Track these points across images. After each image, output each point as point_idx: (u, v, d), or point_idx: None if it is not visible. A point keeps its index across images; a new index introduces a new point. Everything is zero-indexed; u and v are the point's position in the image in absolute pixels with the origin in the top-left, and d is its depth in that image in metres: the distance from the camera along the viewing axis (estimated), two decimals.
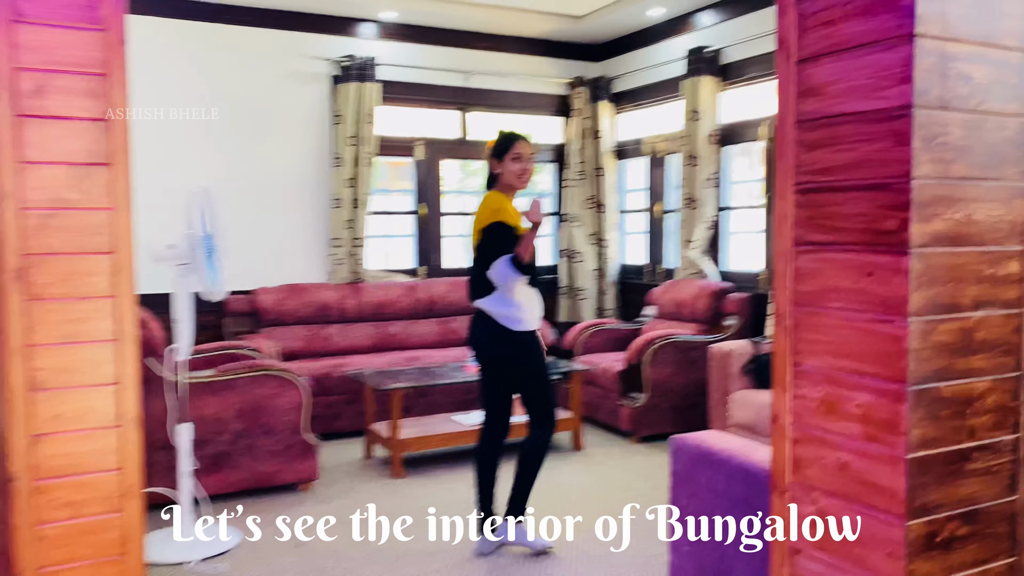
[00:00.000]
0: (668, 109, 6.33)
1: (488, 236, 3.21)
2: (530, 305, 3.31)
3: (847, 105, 1.55)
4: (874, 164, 1.50)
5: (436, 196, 6.47)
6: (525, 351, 3.30)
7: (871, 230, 1.51)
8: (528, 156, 3.29)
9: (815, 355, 1.64)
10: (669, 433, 5.15)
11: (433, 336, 6.01)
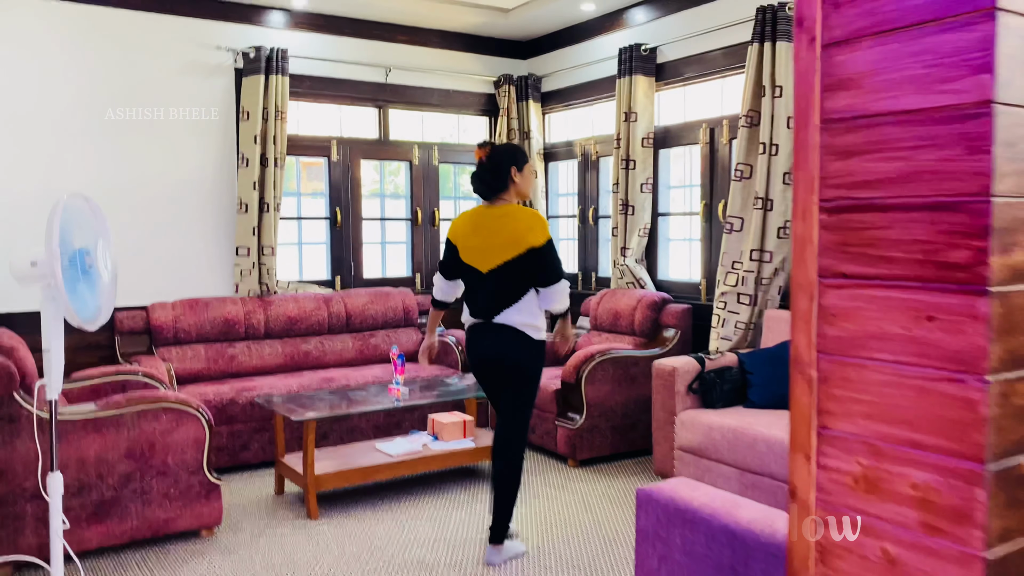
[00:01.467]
0: (601, 110, 6.02)
1: (550, 251, 3.29)
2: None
3: (897, 101, 1.21)
4: (937, 177, 1.16)
5: (354, 200, 5.99)
6: (539, 359, 3.39)
7: (932, 262, 1.17)
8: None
9: (850, 418, 1.29)
10: (609, 456, 4.90)
11: (351, 353, 5.53)
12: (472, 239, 3.35)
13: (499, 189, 3.34)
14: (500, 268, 3.26)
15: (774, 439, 3.71)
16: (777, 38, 4.43)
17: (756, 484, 3.81)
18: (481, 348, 3.38)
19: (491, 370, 3.40)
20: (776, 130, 4.46)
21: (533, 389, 3.41)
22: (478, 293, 3.35)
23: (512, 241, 3.23)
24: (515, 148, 3.42)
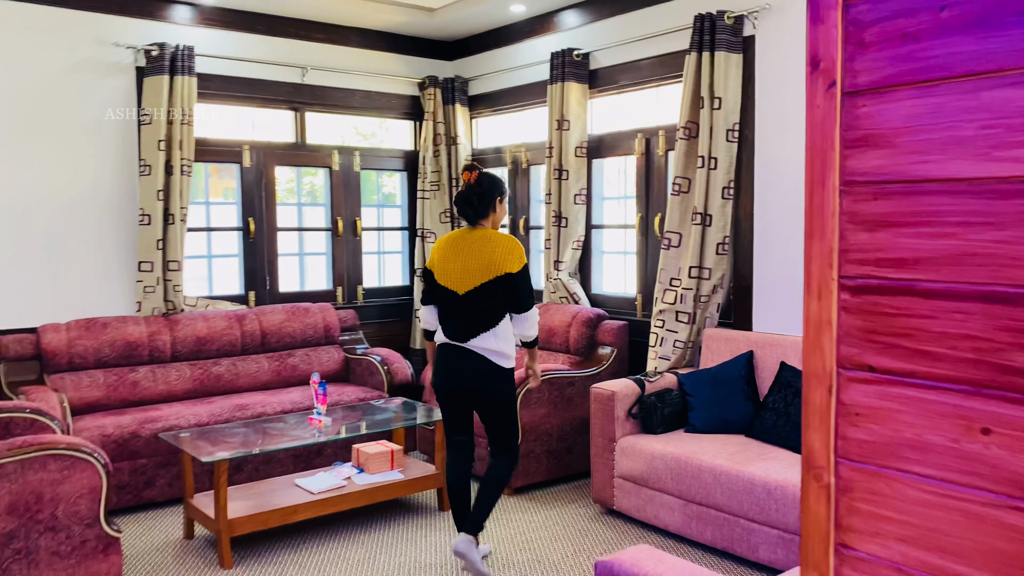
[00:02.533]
0: (532, 116, 5.79)
1: (524, 278, 3.40)
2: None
3: (943, 166, 1.00)
4: (995, 262, 0.96)
5: (268, 209, 5.60)
6: (509, 385, 3.47)
7: (989, 363, 0.97)
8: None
9: (880, 539, 1.09)
10: (544, 482, 4.68)
11: (267, 375, 5.15)
12: (450, 262, 3.44)
13: (483, 215, 3.48)
14: (475, 291, 3.35)
15: (720, 469, 3.56)
16: (715, 48, 4.28)
17: (702, 516, 3.65)
18: (449, 370, 3.45)
19: (454, 393, 3.48)
20: (715, 143, 4.32)
21: (511, 412, 3.52)
22: (454, 315, 3.42)
23: (489, 265, 3.34)
24: (499, 180, 3.56)
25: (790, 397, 3.81)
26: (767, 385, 4.04)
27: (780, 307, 4.20)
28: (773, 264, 4.22)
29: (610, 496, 4.10)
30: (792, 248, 4.12)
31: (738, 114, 4.31)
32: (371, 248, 6.22)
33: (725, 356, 4.25)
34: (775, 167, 4.20)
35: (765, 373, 4.07)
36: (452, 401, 3.51)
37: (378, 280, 6.27)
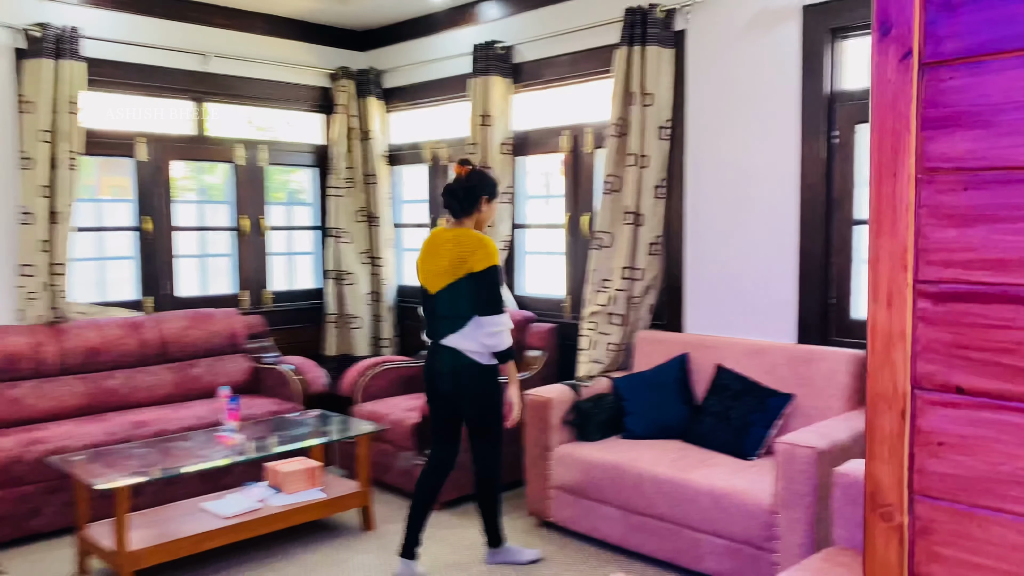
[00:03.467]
0: (452, 111, 5.55)
1: (486, 280, 3.25)
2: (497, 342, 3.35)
3: None
4: None
5: (165, 207, 5.16)
6: (489, 383, 3.36)
7: None
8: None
9: None
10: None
11: (167, 388, 4.73)
12: (426, 261, 3.41)
13: (466, 212, 3.37)
14: (444, 290, 3.31)
15: (662, 477, 3.42)
16: (647, 42, 4.16)
17: (643, 526, 3.51)
18: (429, 369, 3.44)
19: (435, 391, 3.44)
20: (646, 141, 4.20)
21: (486, 413, 3.39)
22: (428, 314, 3.44)
23: (457, 264, 3.26)
24: (490, 179, 3.44)
25: (728, 400, 3.72)
26: (703, 388, 3.94)
27: (712, 308, 4.12)
28: (705, 264, 4.14)
29: (546, 507, 3.92)
30: (724, 248, 4.04)
31: (669, 111, 4.20)
32: (279, 249, 5.85)
33: (659, 359, 4.13)
34: (707, 166, 4.11)
35: (700, 376, 3.98)
36: (434, 402, 3.47)
37: (287, 283, 5.90)
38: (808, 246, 3.75)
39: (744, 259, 3.97)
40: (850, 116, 3.64)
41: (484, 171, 3.48)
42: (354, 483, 4.02)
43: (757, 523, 3.12)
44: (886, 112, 0.96)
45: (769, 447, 3.62)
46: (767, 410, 3.60)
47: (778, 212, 3.84)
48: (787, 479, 3.03)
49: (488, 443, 3.44)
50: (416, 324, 5.79)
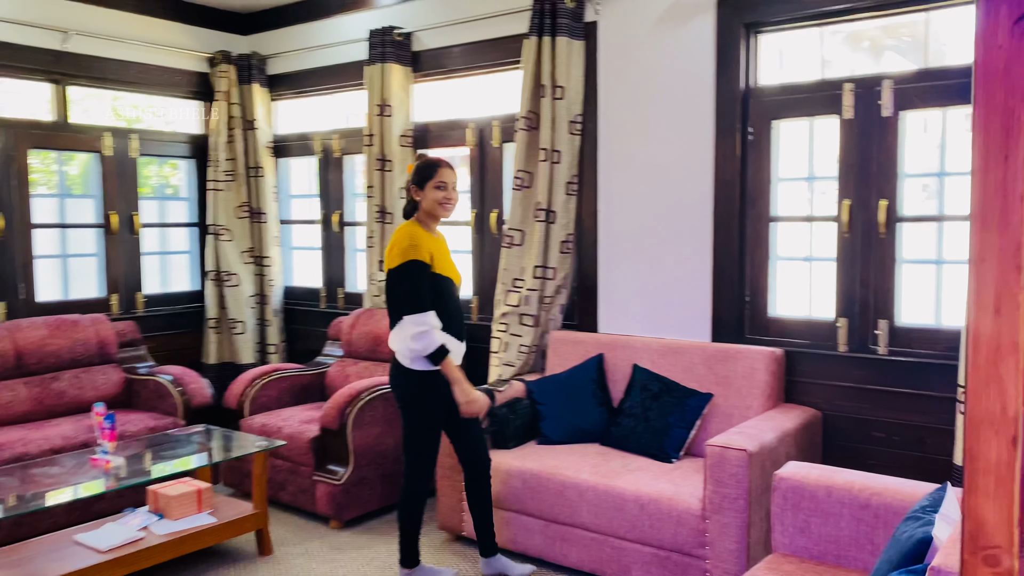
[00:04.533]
0: (346, 100, 5.24)
1: (397, 279, 3.04)
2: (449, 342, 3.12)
3: None
4: None
5: (21, 201, 4.59)
6: (411, 388, 3.13)
7: None
8: (453, 183, 3.12)
9: None
10: (380, 510, 4.15)
11: (25, 405, 4.19)
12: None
13: (410, 209, 3.21)
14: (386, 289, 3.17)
15: (586, 484, 3.28)
16: (557, 33, 4.01)
17: (566, 536, 3.36)
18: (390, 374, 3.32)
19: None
20: (557, 135, 4.05)
21: (411, 422, 3.16)
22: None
23: (385, 260, 3.14)
24: (421, 165, 3.16)
25: (647, 401, 3.62)
26: (620, 389, 3.84)
27: (627, 307, 4.02)
28: (618, 262, 4.03)
29: (459, 521, 3.70)
30: (638, 245, 3.95)
31: (580, 105, 4.07)
32: (152, 248, 5.34)
33: (573, 360, 4.00)
34: (620, 162, 4.00)
35: (617, 376, 3.87)
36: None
37: (162, 285, 5.41)
38: (722, 244, 3.70)
39: (658, 257, 3.89)
40: (765, 112, 3.61)
41: (420, 161, 3.22)
42: (247, 504, 3.67)
43: (687, 529, 3.03)
44: (994, 85, 0.81)
45: (689, 448, 3.56)
46: (687, 410, 3.52)
47: (692, 209, 3.77)
48: (717, 483, 2.95)
49: (408, 454, 3.20)
50: (306, 328, 5.43)
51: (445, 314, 3.12)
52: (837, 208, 3.45)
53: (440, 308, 3.10)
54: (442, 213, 3.14)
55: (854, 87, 3.38)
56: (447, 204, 3.13)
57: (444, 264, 3.15)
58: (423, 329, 3.04)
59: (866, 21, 3.44)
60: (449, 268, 3.18)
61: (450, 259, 3.22)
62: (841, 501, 2.46)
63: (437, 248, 3.14)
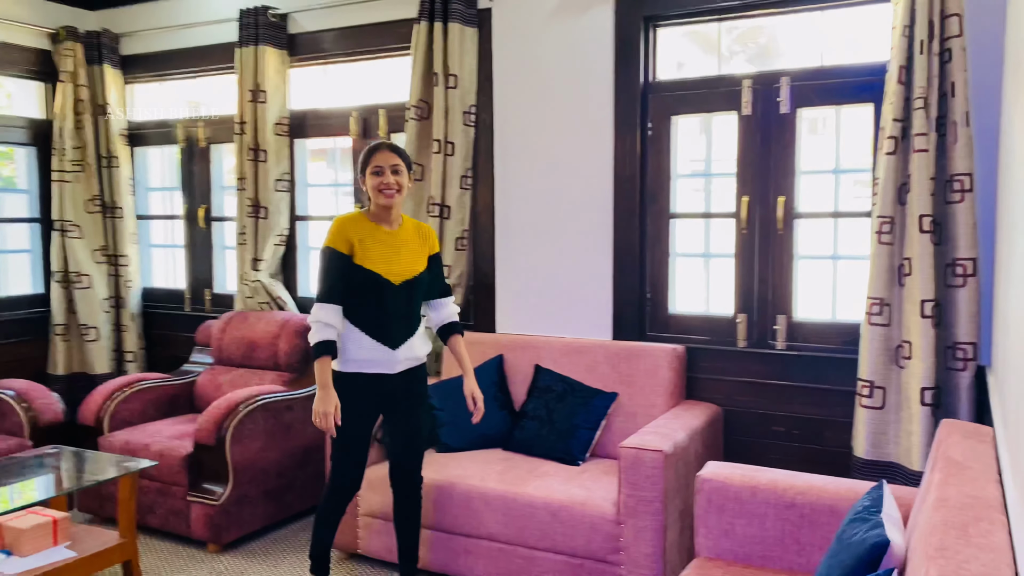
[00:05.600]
0: (214, 84, 4.82)
1: (320, 261, 2.90)
2: (363, 343, 2.87)
3: None
4: None
5: None
6: (337, 388, 2.86)
7: None
8: (391, 167, 2.85)
9: None
10: (262, 530, 3.79)
11: None
12: None
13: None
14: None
15: (494, 493, 3.12)
16: (449, 18, 3.82)
17: (472, 549, 3.18)
18: None
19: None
20: (451, 126, 3.87)
21: (341, 430, 2.87)
22: None
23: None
24: (363, 151, 2.93)
25: (552, 403, 3.51)
26: (521, 391, 3.70)
27: (526, 306, 3.89)
28: (517, 259, 3.89)
29: (354, 538, 3.45)
30: (537, 242, 3.83)
31: (475, 95, 3.90)
32: None
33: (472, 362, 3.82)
34: (517, 155, 3.86)
35: (518, 378, 3.73)
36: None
37: None
38: (623, 240, 3.64)
39: (558, 254, 3.79)
40: (665, 108, 3.58)
41: (365, 150, 2.96)
42: (112, 533, 3.26)
43: (601, 535, 2.93)
44: None
45: (595, 449, 3.47)
46: (592, 411, 3.44)
47: (593, 205, 3.69)
48: (632, 486, 2.86)
49: (332, 447, 3.00)
50: (168, 333, 4.98)
51: (370, 314, 2.86)
52: (736, 204, 3.46)
53: (364, 306, 2.85)
54: (381, 200, 2.86)
55: (752, 83, 3.39)
56: (385, 190, 2.84)
57: (377, 258, 2.84)
58: (313, 319, 2.83)
59: (763, 18, 3.46)
60: (383, 263, 2.84)
61: (398, 255, 2.88)
62: (766, 501, 2.43)
63: (374, 240, 2.85)
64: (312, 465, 3.93)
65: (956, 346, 2.88)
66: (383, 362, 2.87)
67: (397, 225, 2.93)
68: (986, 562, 1.26)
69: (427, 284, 2.98)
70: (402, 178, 2.87)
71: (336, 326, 2.84)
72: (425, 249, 2.97)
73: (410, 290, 2.90)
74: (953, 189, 2.86)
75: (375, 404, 2.95)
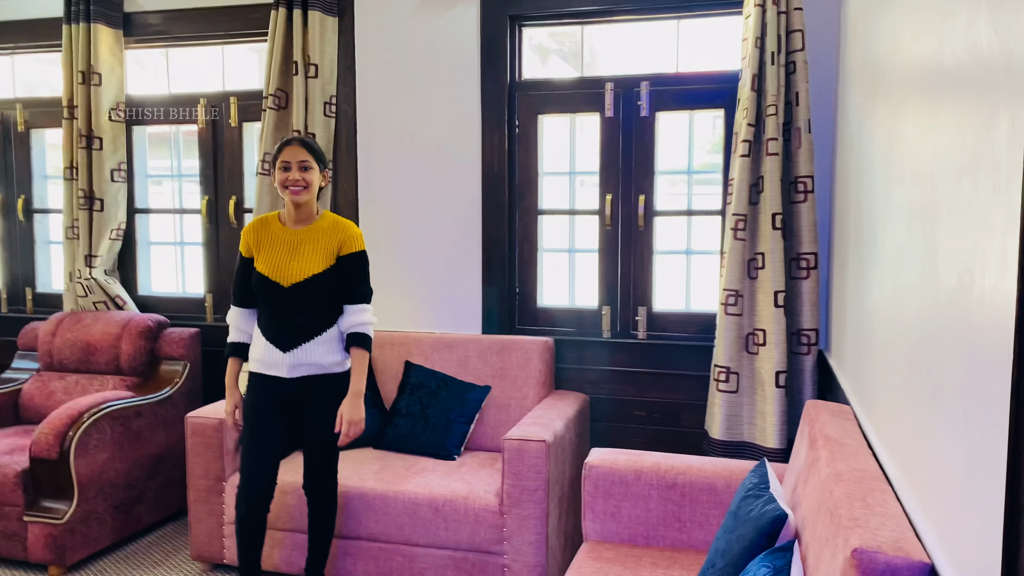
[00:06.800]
0: (34, 63, 4.37)
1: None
2: (258, 343, 2.81)
3: None
4: None
5: None
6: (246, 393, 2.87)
7: None
8: (299, 163, 2.74)
9: None
10: (111, 547, 3.49)
11: None
12: None
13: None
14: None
15: (373, 493, 3.08)
16: (309, 5, 3.70)
17: (351, 550, 3.13)
18: None
19: None
20: (312, 117, 3.75)
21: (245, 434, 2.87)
22: None
23: None
24: (277, 146, 2.88)
25: (426, 399, 3.50)
26: (391, 388, 3.67)
27: (394, 301, 3.85)
28: (384, 255, 3.84)
29: (219, 549, 3.28)
30: (405, 237, 3.80)
31: (335, 85, 3.81)
32: None
33: None
34: (382, 149, 3.81)
35: (388, 375, 3.69)
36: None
37: None
38: (492, 236, 3.69)
39: (427, 249, 3.78)
40: (531, 106, 3.66)
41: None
42: None
43: (484, 527, 2.97)
44: None
45: (468, 443, 3.51)
46: (467, 405, 3.47)
47: (461, 201, 3.71)
48: (516, 476, 2.93)
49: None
50: None
51: (264, 315, 2.80)
52: (600, 202, 3.60)
53: (261, 307, 2.81)
54: (287, 197, 2.76)
55: (614, 87, 3.54)
56: (292, 187, 2.73)
57: (268, 260, 2.76)
58: (228, 322, 2.91)
59: (625, 24, 3.63)
60: (273, 265, 2.74)
61: (293, 256, 2.75)
62: (650, 483, 2.57)
63: (271, 241, 2.78)
64: (163, 474, 3.69)
65: (800, 332, 3.18)
66: (276, 364, 2.77)
67: (308, 224, 2.82)
68: (893, 528, 1.42)
69: (333, 287, 2.79)
70: (311, 175, 2.76)
71: (242, 326, 2.87)
72: (332, 249, 2.78)
73: (303, 293, 2.74)
74: (797, 190, 3.14)
75: (273, 406, 2.82)
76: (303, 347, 2.77)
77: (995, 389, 1.07)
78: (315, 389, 2.81)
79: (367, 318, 2.83)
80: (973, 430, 1.18)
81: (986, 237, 1.14)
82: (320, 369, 2.80)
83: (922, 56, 1.60)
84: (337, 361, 2.82)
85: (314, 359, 2.78)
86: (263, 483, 2.83)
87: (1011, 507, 0.99)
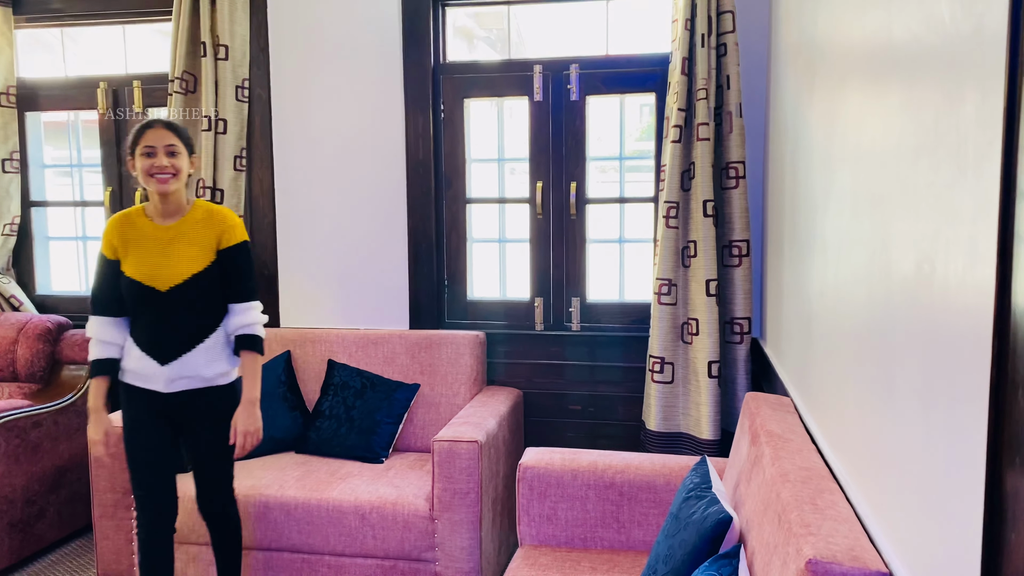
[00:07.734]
0: None
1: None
2: (132, 353, 2.50)
3: None
4: None
5: None
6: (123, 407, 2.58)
7: None
8: (165, 147, 2.44)
9: None
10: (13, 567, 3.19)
11: None
12: None
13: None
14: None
15: (295, 502, 2.89)
16: None
17: (272, 563, 2.94)
18: None
19: None
20: (223, 102, 3.51)
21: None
22: None
23: None
24: (135, 129, 2.51)
25: (350, 399, 3.33)
26: (313, 389, 3.48)
27: (314, 297, 3.65)
28: (302, 248, 3.64)
29: (128, 567, 3.06)
30: (325, 229, 3.60)
31: (247, 68, 3.58)
32: None
33: None
34: (299, 135, 3.60)
35: (310, 375, 3.50)
36: None
37: None
38: (418, 226, 3.53)
39: (349, 241, 3.59)
40: (457, 90, 3.50)
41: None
42: None
43: (415, 533, 2.83)
44: None
45: (396, 444, 3.35)
46: (394, 404, 3.31)
47: (385, 189, 3.54)
48: (447, 479, 2.79)
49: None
50: None
51: (138, 323, 2.49)
52: (531, 190, 3.48)
53: (134, 314, 2.50)
54: (153, 187, 2.44)
55: (543, 69, 3.42)
56: (158, 175, 2.42)
57: (139, 262, 2.45)
58: (87, 334, 2.54)
59: (553, 4, 3.49)
60: (145, 267, 2.44)
61: (166, 255, 2.45)
62: (587, 484, 2.46)
63: (138, 240, 2.47)
64: (67, 488, 3.43)
65: (734, 321, 3.12)
66: (152, 377, 2.48)
67: (178, 217, 2.51)
68: (846, 534, 1.34)
69: (216, 286, 2.50)
70: (179, 160, 2.46)
71: (110, 339, 2.50)
72: (210, 243, 2.49)
73: (184, 296, 2.45)
74: (729, 176, 3.07)
75: (154, 420, 2.53)
76: (183, 359, 2.47)
77: (965, 383, 0.98)
78: (197, 404, 2.53)
79: (256, 317, 2.56)
80: (935, 427, 1.09)
81: (949, 223, 1.05)
82: (203, 382, 2.51)
83: (867, 32, 1.52)
84: (222, 372, 2.54)
85: (195, 371, 2.49)
86: (163, 502, 2.56)
87: (991, 513, 0.90)
